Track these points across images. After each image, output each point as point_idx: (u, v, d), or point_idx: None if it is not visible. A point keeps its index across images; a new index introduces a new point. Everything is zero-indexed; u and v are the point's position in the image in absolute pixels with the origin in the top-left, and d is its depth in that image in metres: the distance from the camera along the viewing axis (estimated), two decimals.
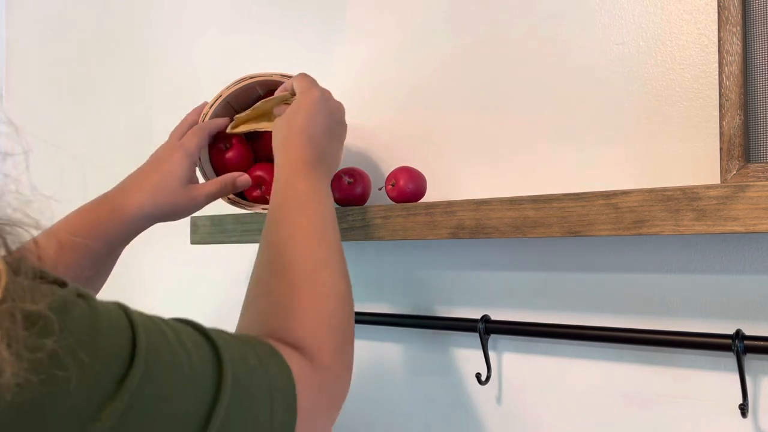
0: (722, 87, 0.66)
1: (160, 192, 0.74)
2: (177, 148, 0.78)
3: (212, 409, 0.39)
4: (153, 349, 0.37)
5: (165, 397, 0.37)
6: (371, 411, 0.97)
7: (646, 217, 0.62)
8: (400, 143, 0.95)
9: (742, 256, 0.70)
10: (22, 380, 0.30)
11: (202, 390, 0.39)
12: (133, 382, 0.34)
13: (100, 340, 0.34)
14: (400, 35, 0.95)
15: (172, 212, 0.76)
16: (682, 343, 0.70)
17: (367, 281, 0.98)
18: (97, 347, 0.34)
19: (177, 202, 0.75)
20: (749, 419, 0.69)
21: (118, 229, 0.72)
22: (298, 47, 1.06)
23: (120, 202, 0.73)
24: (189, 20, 1.24)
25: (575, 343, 0.80)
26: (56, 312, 0.32)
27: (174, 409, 0.37)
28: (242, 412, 0.41)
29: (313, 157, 0.69)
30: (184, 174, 0.76)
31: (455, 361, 0.89)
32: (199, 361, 0.40)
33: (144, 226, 0.75)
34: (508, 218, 0.70)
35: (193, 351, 0.40)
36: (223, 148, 0.87)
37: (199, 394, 0.39)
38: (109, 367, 0.34)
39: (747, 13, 0.66)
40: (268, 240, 0.62)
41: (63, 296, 0.34)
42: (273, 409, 0.44)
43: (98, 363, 0.34)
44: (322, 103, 0.74)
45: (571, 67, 0.81)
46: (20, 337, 0.30)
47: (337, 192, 0.87)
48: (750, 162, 0.65)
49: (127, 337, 0.36)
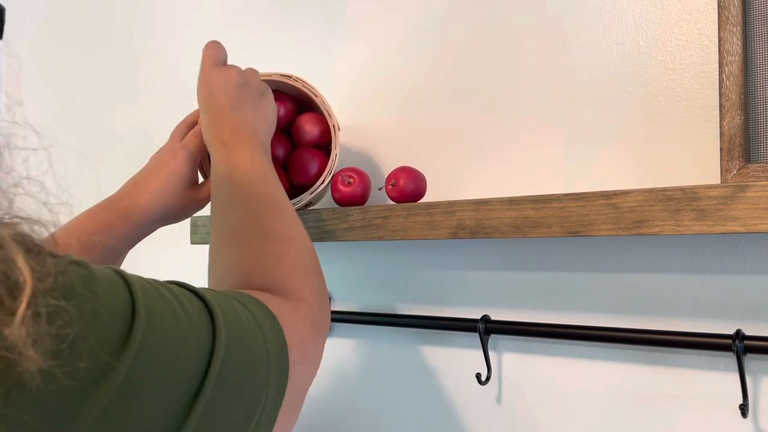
0: (722, 87, 0.66)
1: (167, 195, 0.75)
2: (179, 150, 0.78)
3: (212, 353, 0.40)
4: (151, 303, 0.38)
5: (168, 345, 0.38)
6: (371, 411, 0.97)
7: (646, 217, 0.62)
8: (399, 143, 0.95)
9: (742, 256, 0.70)
10: (49, 374, 0.30)
11: (202, 336, 0.40)
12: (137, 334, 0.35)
13: (105, 304, 0.35)
14: (400, 35, 0.95)
15: (179, 214, 0.78)
16: (682, 343, 0.70)
17: (367, 281, 0.98)
18: (102, 310, 0.35)
19: (183, 203, 0.77)
20: (749, 419, 0.69)
21: (128, 231, 0.74)
22: (297, 47, 1.06)
23: (128, 206, 0.74)
24: (189, 20, 1.24)
25: (575, 343, 0.80)
26: (67, 294, 0.33)
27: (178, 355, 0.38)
28: (240, 354, 0.42)
29: (229, 132, 0.70)
30: (187, 175, 0.77)
31: (455, 361, 0.89)
32: (194, 311, 0.41)
33: (152, 228, 0.76)
34: (508, 218, 0.70)
35: (186, 303, 0.41)
36: None
37: (199, 341, 0.40)
38: (115, 324, 0.35)
39: (747, 13, 0.66)
40: (212, 218, 0.65)
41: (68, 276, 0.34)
42: (268, 349, 0.45)
43: (105, 324, 0.34)
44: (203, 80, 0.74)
45: (571, 67, 0.81)
46: (44, 333, 0.31)
47: (337, 192, 0.87)
48: (750, 162, 0.65)
49: (126, 296, 0.37)
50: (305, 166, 0.86)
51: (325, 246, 0.98)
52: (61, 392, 0.31)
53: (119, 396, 0.33)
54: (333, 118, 0.85)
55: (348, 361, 1.00)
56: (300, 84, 0.85)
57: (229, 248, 0.60)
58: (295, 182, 0.88)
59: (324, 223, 0.84)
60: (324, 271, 0.64)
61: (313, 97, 0.85)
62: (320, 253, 0.97)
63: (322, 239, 0.84)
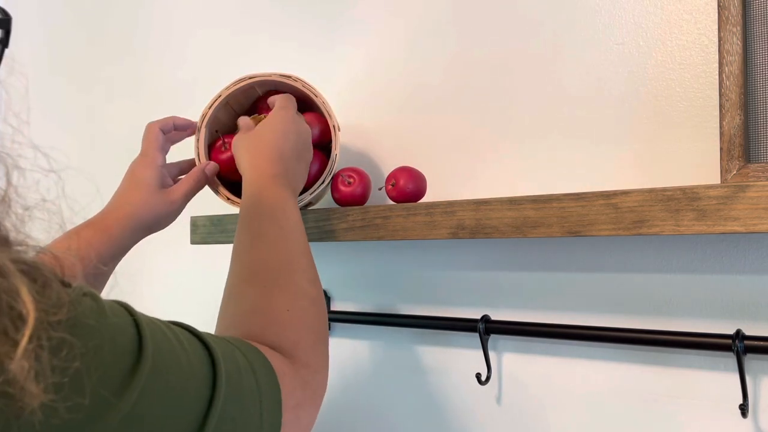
0: (722, 87, 0.66)
1: (137, 206, 0.76)
2: (139, 159, 0.80)
3: (210, 405, 0.40)
4: (157, 345, 0.38)
5: (170, 391, 0.37)
6: (371, 411, 0.97)
7: (646, 217, 0.62)
8: (399, 143, 0.95)
9: (742, 256, 0.70)
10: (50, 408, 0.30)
11: (201, 385, 0.40)
12: (143, 375, 0.35)
13: (111, 341, 0.35)
14: (400, 36, 0.95)
15: (155, 221, 0.78)
16: (682, 343, 0.70)
17: (367, 281, 0.98)
18: (108, 346, 0.34)
19: (155, 210, 0.77)
20: (749, 419, 0.69)
21: (106, 249, 0.74)
22: (298, 47, 1.06)
23: (104, 224, 0.75)
24: (188, 20, 1.24)
25: (575, 343, 0.80)
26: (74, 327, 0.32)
27: (178, 402, 0.38)
28: (236, 410, 0.42)
29: (280, 173, 0.72)
30: (152, 182, 0.78)
31: (455, 361, 0.89)
32: (196, 358, 0.41)
33: (132, 241, 0.77)
34: (508, 218, 0.70)
35: (189, 349, 0.41)
36: (222, 149, 0.87)
37: (199, 389, 0.40)
38: (121, 362, 0.35)
39: (747, 13, 0.66)
40: (238, 248, 0.64)
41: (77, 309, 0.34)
42: (262, 408, 0.45)
43: (110, 361, 0.34)
44: (294, 124, 0.77)
45: (571, 67, 0.81)
46: (47, 367, 0.30)
47: (337, 192, 0.87)
48: (750, 162, 0.65)
49: (133, 334, 0.37)
50: None
51: (325, 246, 0.98)
52: (62, 427, 0.31)
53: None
54: (333, 119, 0.85)
55: (348, 361, 1.00)
56: (300, 84, 0.85)
57: (253, 289, 0.60)
58: None
59: (324, 223, 0.84)
60: (324, 271, 0.64)
61: (313, 97, 0.85)
62: (320, 253, 0.97)
63: (322, 239, 0.84)
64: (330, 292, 1.01)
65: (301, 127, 0.78)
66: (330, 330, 1.02)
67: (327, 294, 1.01)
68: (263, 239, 0.63)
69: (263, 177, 0.71)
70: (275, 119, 0.77)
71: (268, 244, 0.63)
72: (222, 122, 0.89)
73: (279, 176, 0.71)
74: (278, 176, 0.71)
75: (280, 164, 0.72)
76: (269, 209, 0.66)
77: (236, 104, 0.90)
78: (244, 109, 0.91)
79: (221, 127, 0.89)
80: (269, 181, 0.70)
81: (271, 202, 0.67)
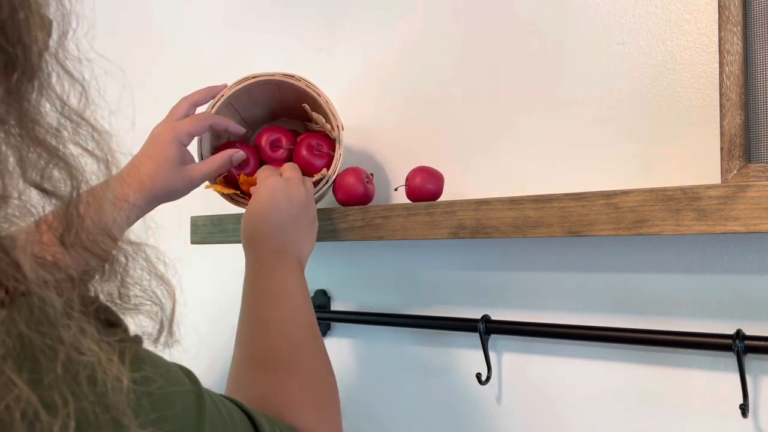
0: (723, 87, 0.66)
1: (157, 180, 0.76)
2: (168, 132, 0.79)
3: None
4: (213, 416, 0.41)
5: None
6: (371, 411, 0.97)
7: (646, 217, 0.62)
8: (400, 143, 0.95)
9: (742, 256, 0.70)
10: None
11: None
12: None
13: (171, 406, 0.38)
14: (401, 36, 0.95)
15: (169, 194, 0.78)
16: (682, 343, 0.70)
17: (367, 281, 0.98)
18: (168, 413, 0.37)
19: (173, 183, 0.77)
20: (749, 419, 0.69)
21: (122, 218, 0.74)
22: (299, 47, 1.06)
23: (124, 193, 0.74)
24: (189, 19, 1.24)
25: (575, 343, 0.80)
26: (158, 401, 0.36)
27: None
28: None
29: (278, 247, 0.70)
30: (174, 158, 0.77)
31: (455, 361, 0.89)
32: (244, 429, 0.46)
33: (144, 212, 0.77)
34: (508, 218, 0.70)
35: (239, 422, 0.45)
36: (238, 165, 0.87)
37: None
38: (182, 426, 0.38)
39: (747, 13, 0.66)
40: (242, 336, 0.64)
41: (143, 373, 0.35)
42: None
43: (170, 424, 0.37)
44: (281, 191, 0.73)
45: (571, 66, 0.81)
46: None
47: (340, 192, 0.86)
48: (751, 162, 0.65)
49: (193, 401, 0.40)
50: (309, 166, 0.86)
51: (325, 246, 0.98)
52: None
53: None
54: (337, 118, 0.85)
55: (348, 361, 1.00)
56: (303, 83, 0.85)
57: (263, 374, 0.60)
58: None
59: (324, 223, 0.84)
60: (324, 271, 0.65)
61: (316, 96, 0.85)
62: (320, 253, 0.97)
63: (322, 239, 0.84)
64: (330, 292, 1.01)
65: (291, 190, 0.74)
66: (330, 330, 1.02)
67: (327, 294, 1.01)
68: (266, 326, 0.63)
69: (262, 254, 0.69)
70: (261, 191, 0.74)
71: (272, 331, 0.63)
72: None
73: (279, 250, 0.69)
74: (278, 251, 0.69)
75: (278, 237, 0.70)
76: (270, 294, 0.66)
77: (238, 104, 0.89)
78: (246, 109, 0.91)
79: None
80: (269, 259, 0.69)
81: (271, 284, 0.66)
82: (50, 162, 0.34)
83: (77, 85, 0.36)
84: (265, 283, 0.66)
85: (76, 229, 0.35)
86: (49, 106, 0.35)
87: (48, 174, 0.34)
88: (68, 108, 0.36)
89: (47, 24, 0.35)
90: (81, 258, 0.36)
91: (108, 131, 0.38)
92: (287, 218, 0.72)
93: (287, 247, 0.70)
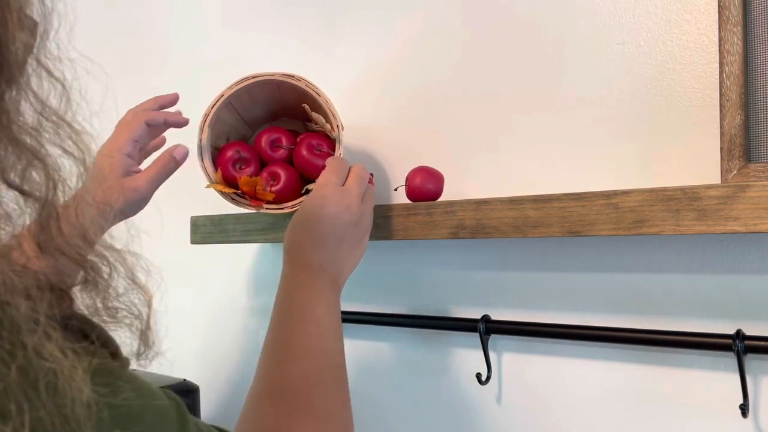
0: (723, 87, 0.66)
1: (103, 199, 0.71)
2: (107, 145, 0.75)
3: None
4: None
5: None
6: (371, 411, 0.97)
7: (646, 217, 0.62)
8: (400, 143, 0.95)
9: (742, 256, 0.70)
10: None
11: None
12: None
13: None
14: (401, 36, 0.95)
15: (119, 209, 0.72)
16: (682, 343, 0.70)
17: (367, 281, 0.98)
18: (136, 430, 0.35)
19: (118, 198, 0.72)
20: (749, 419, 0.69)
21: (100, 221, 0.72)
22: (299, 46, 1.06)
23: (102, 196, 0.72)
24: (189, 20, 1.24)
25: (575, 343, 0.80)
26: None
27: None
28: None
29: (315, 264, 0.65)
30: (110, 172, 0.73)
31: (455, 361, 0.89)
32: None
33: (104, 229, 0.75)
34: (508, 218, 0.70)
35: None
36: (238, 168, 0.86)
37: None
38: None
39: (747, 13, 0.66)
40: (265, 354, 0.62)
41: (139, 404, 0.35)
42: None
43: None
44: (334, 204, 0.67)
45: (571, 66, 0.81)
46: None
47: None
48: (751, 162, 0.65)
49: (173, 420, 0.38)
50: (310, 166, 0.86)
51: None
52: None
53: None
54: (337, 118, 0.85)
55: (348, 361, 0.99)
56: (303, 83, 0.85)
57: (274, 410, 0.57)
58: None
59: None
60: None
61: (316, 96, 0.85)
62: None
63: None
64: None
65: (345, 204, 0.68)
66: None
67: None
68: (287, 353, 0.60)
69: (297, 267, 0.65)
70: (313, 196, 0.69)
71: (293, 360, 0.60)
72: (225, 122, 0.89)
73: (315, 268, 0.65)
74: (315, 267, 0.65)
75: (318, 252, 0.65)
76: (297, 314, 0.62)
77: (238, 104, 0.89)
78: (246, 109, 0.91)
79: (227, 127, 0.89)
80: (303, 275, 0.64)
81: (300, 304, 0.63)
82: (29, 163, 0.33)
83: (58, 85, 0.35)
84: (294, 300, 0.63)
85: (52, 231, 0.34)
86: (29, 105, 0.34)
87: (26, 175, 0.33)
88: (48, 108, 0.35)
89: (30, 24, 0.34)
90: (57, 262, 0.34)
91: (88, 132, 0.37)
92: (332, 234, 0.66)
93: (325, 265, 0.66)
